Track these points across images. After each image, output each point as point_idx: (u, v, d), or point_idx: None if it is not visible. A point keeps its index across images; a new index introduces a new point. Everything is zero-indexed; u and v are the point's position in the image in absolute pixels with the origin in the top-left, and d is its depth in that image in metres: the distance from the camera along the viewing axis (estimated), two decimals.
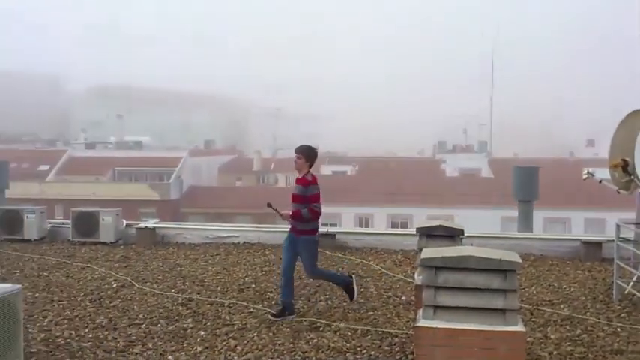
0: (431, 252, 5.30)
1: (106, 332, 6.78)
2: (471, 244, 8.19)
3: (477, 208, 38.57)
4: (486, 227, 14.91)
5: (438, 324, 5.05)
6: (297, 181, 7.46)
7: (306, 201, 7.27)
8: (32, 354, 6.05)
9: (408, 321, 7.13)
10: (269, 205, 7.55)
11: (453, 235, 6.97)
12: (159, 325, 7.06)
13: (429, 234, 7.00)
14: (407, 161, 62.17)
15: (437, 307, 5.13)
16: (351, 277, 7.83)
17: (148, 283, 8.95)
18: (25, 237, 12.52)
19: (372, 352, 6.18)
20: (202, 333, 6.77)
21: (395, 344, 6.42)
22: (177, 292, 8.46)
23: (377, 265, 10.19)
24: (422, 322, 5.11)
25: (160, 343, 6.45)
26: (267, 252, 11.25)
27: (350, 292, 7.69)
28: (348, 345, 6.38)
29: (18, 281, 8.57)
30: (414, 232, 7.49)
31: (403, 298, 8.22)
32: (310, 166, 7.46)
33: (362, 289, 8.64)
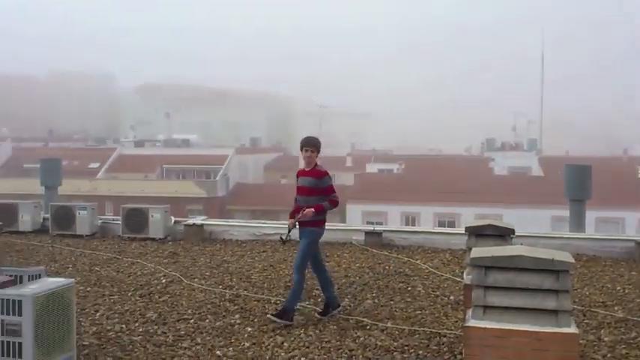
0: (481, 251, 5.21)
1: (156, 327, 6.88)
2: (521, 244, 8.02)
3: (527, 207, 37.81)
4: (536, 227, 14.61)
5: (487, 324, 4.96)
6: (307, 173, 7.13)
7: (322, 193, 7.02)
8: (85, 347, 6.17)
9: (457, 321, 7.04)
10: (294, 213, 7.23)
11: (503, 234, 6.83)
12: (207, 320, 7.13)
13: (479, 233, 6.87)
14: (454, 159, 61.45)
15: (486, 308, 5.04)
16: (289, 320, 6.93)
17: (196, 279, 9.05)
18: (77, 232, 12.81)
19: (420, 352, 6.11)
20: (249, 329, 6.80)
21: (443, 344, 6.34)
22: (225, 289, 8.53)
23: (424, 264, 10.09)
24: (471, 323, 5.02)
25: (208, 338, 6.52)
26: None
27: (280, 315, 6.92)
28: (395, 344, 6.33)
29: (70, 276, 8.78)
30: (462, 231, 7.38)
31: (451, 297, 8.12)
32: (317, 156, 7.21)
33: (409, 288, 8.57)
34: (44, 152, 51.98)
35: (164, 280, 9.04)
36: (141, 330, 6.77)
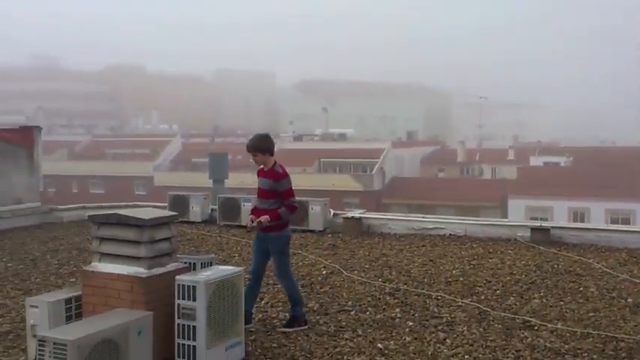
0: None
1: (318, 317, 6.98)
2: None
3: None
4: None
5: None
6: (264, 173, 6.59)
7: (279, 196, 6.49)
8: (251, 333, 6.39)
9: (636, 325, 6.50)
10: (253, 222, 6.62)
11: None
12: (367, 312, 7.12)
13: None
14: (628, 151, 57.07)
15: None
16: (305, 322, 6.65)
17: (356, 272, 9.08)
18: (242, 223, 13.24)
19: (595, 357, 5.69)
20: (410, 324, 6.70)
21: (621, 349, 5.86)
22: (384, 282, 8.48)
23: (597, 263, 9.41)
24: None
25: (369, 330, 6.50)
26: (474, 245, 10.90)
27: (291, 322, 6.59)
28: (566, 347, 5.94)
29: (237, 264, 9.12)
30: None
31: (629, 300, 7.49)
32: (272, 155, 6.60)
33: (581, 289, 8.04)
34: (210, 147, 55.16)
35: (324, 272, 9.17)
36: None
